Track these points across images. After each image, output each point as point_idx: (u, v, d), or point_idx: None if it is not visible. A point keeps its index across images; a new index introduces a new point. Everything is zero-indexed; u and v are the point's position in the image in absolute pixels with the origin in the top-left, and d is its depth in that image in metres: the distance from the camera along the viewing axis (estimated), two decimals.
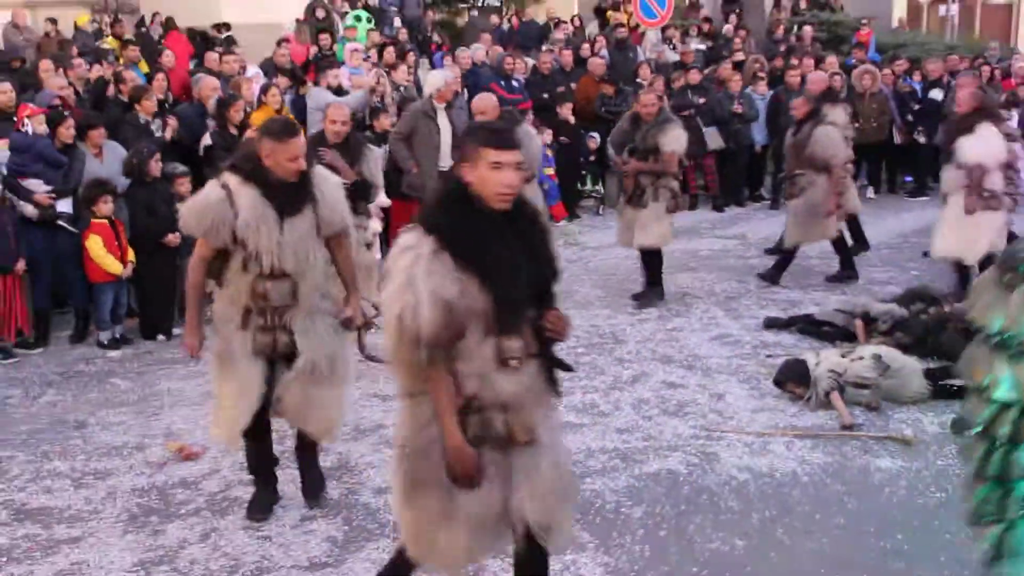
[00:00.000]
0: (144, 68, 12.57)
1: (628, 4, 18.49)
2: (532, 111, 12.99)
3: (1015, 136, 9.42)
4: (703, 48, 16.98)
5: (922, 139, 14.38)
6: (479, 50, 14.49)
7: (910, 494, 5.60)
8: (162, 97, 10.54)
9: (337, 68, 11.93)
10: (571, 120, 13.33)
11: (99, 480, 5.93)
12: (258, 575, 4.87)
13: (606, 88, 13.86)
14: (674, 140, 9.05)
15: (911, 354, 7.24)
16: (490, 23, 18.31)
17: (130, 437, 6.57)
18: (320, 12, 16.22)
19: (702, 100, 13.73)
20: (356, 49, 13.19)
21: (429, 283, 3.42)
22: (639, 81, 13.94)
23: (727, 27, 18.46)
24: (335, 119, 7.74)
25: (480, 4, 21.94)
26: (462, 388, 3.56)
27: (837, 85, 13.23)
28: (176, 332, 8.69)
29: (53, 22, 15.29)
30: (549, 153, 12.40)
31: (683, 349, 8.10)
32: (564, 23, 18.90)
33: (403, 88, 12.17)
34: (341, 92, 11.42)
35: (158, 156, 8.75)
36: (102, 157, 8.92)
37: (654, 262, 9.40)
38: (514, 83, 13.40)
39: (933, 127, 13.81)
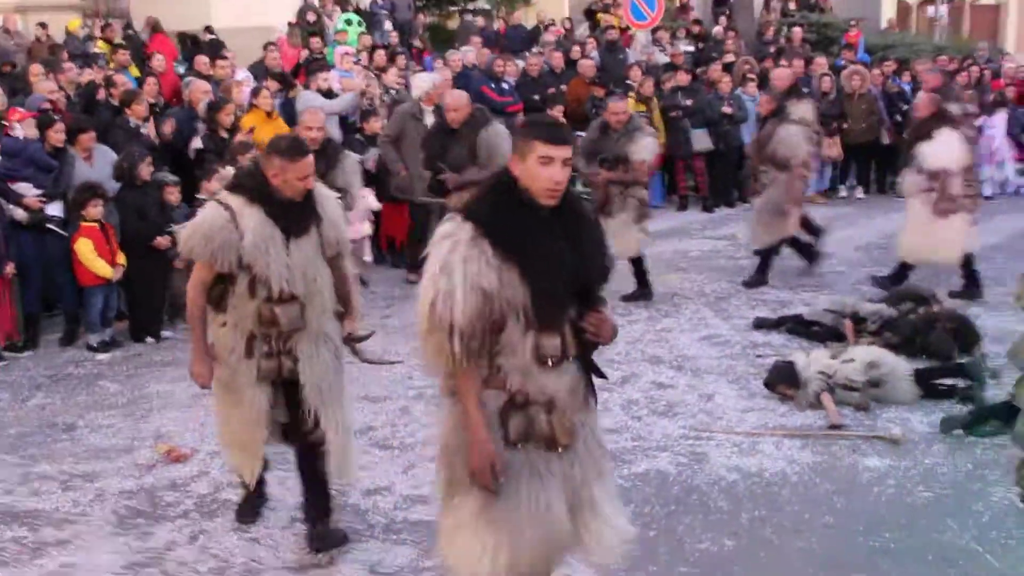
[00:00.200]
0: (135, 72, 12.56)
1: (618, 7, 18.51)
2: (523, 113, 13.01)
3: (974, 139, 9.69)
4: (692, 50, 17.00)
5: None
6: (469, 53, 14.50)
7: (898, 493, 5.61)
8: (153, 101, 10.54)
9: (327, 71, 11.92)
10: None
11: (87, 482, 5.91)
12: None
13: (596, 90, 13.86)
14: (643, 149, 9.05)
15: (900, 354, 7.26)
16: (476, 26, 18.24)
17: (119, 439, 6.56)
18: (311, 16, 16.23)
19: (689, 101, 13.76)
20: (347, 52, 13.20)
21: (466, 270, 3.32)
22: (629, 83, 13.98)
23: (717, 28, 18.50)
24: (311, 125, 7.71)
25: (471, 8, 21.91)
26: (505, 383, 3.47)
27: (828, 84, 13.34)
28: (166, 335, 8.70)
29: (44, 27, 15.29)
30: None
31: (672, 350, 8.11)
32: (554, 24, 18.92)
33: (394, 91, 12.17)
34: (331, 95, 11.43)
35: (149, 160, 8.72)
36: (92, 161, 8.89)
37: (637, 267, 9.41)
38: (504, 85, 13.41)
39: None
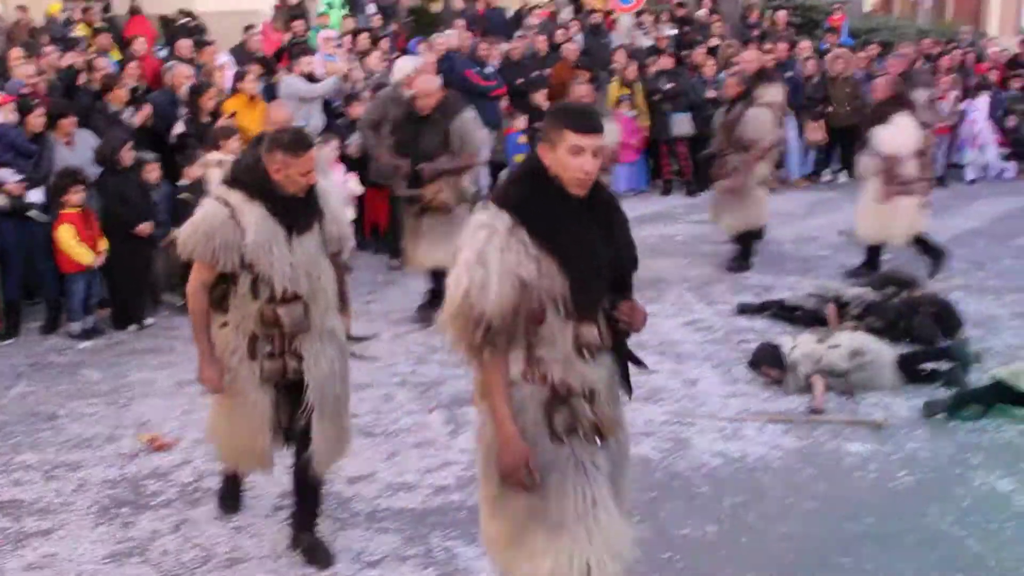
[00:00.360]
0: (116, 56, 12.45)
1: None
2: (507, 97, 12.98)
3: (930, 124, 9.94)
4: (675, 33, 16.95)
5: None
6: (453, 36, 14.41)
7: (881, 478, 5.65)
8: (135, 85, 10.45)
9: (311, 56, 11.85)
10: (545, 106, 13.28)
11: (70, 472, 5.88)
12: (230, 566, 4.85)
13: (580, 74, 13.81)
14: (606, 135, 9.00)
15: (883, 338, 7.28)
16: (456, 8, 18.04)
17: (101, 428, 6.53)
18: None
19: (670, 85, 13.73)
20: (329, 36, 13.11)
21: (503, 260, 3.24)
22: (613, 67, 13.93)
23: (701, 12, 18.45)
24: (276, 119, 7.67)
25: None
26: (546, 376, 3.40)
27: (812, 67, 13.35)
28: (148, 322, 8.64)
29: (24, 10, 15.13)
30: (523, 140, 12.37)
31: (656, 335, 8.05)
32: (539, 7, 18.80)
33: (377, 74, 12.09)
34: (314, 79, 11.36)
35: (130, 145, 8.67)
36: (73, 146, 8.83)
37: None
38: (488, 69, 13.35)
39: None
